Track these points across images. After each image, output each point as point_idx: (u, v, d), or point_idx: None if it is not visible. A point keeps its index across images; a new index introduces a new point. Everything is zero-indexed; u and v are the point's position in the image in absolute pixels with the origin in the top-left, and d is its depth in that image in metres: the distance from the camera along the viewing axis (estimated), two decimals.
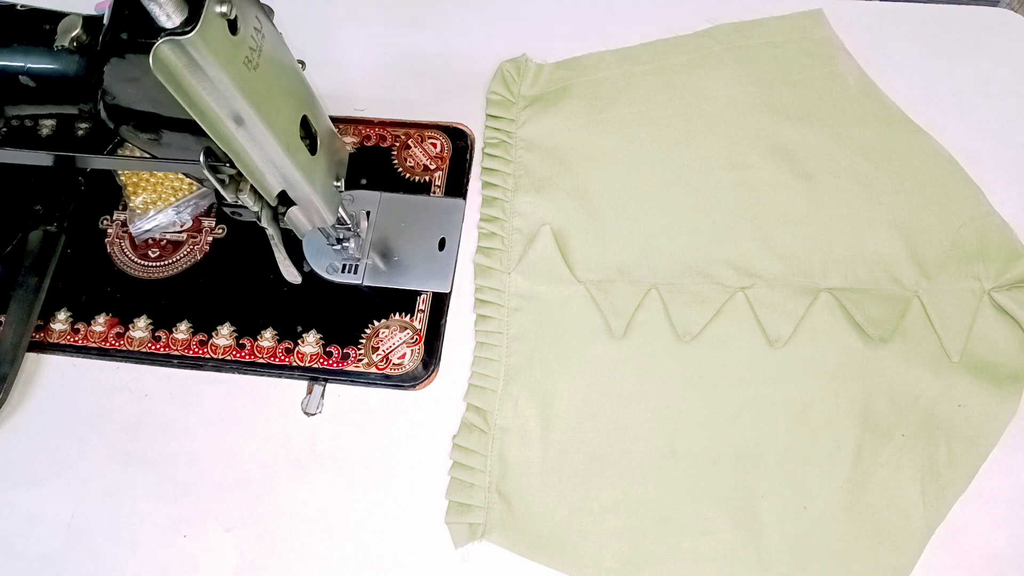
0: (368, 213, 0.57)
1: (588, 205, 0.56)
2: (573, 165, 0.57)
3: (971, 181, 0.55)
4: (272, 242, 0.45)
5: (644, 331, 0.52)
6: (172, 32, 0.31)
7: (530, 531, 0.49)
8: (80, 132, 0.59)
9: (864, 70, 0.59)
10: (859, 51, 0.59)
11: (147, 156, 0.41)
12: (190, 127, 0.36)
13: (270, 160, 0.39)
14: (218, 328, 0.56)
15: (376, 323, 0.55)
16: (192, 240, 0.59)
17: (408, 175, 0.59)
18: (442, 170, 0.59)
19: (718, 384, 0.51)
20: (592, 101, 0.59)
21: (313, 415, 0.53)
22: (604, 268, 0.54)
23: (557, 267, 0.54)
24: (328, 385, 0.54)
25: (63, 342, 0.56)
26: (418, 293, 0.55)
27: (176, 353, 0.55)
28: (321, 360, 0.54)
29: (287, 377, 0.54)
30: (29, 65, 0.38)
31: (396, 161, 0.60)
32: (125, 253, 0.59)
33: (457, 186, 0.59)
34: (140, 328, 0.56)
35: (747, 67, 0.59)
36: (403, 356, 0.54)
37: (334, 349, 0.54)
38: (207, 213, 0.60)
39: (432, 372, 0.54)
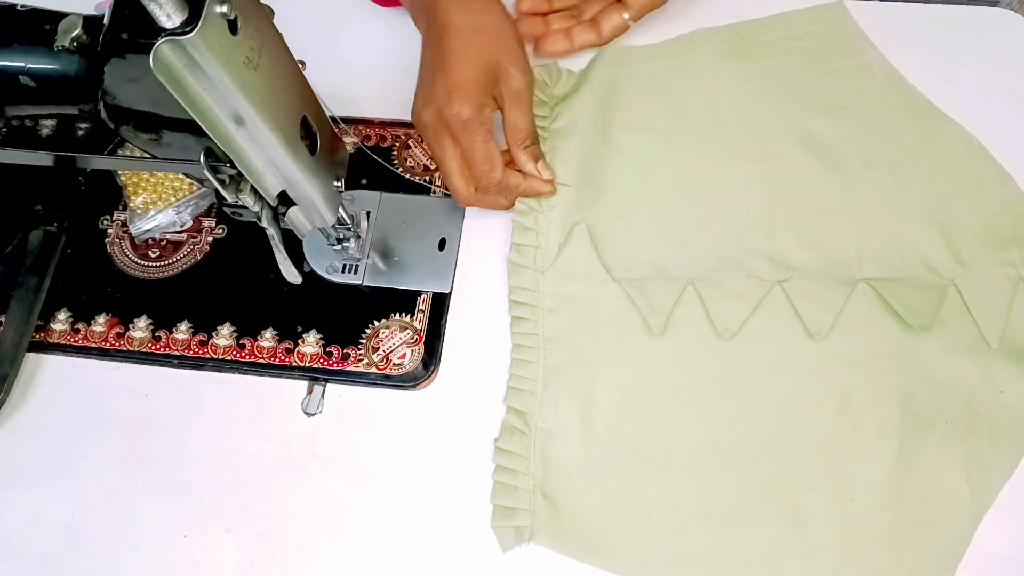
0: (368, 213, 0.57)
1: (620, 202, 0.55)
2: (604, 161, 0.57)
3: (1001, 168, 0.55)
4: (272, 242, 0.45)
5: (682, 328, 0.52)
6: (172, 32, 0.31)
7: (577, 531, 0.49)
8: (80, 132, 0.59)
9: (888, 60, 0.58)
10: None
11: (147, 156, 0.41)
12: (190, 127, 0.36)
13: (270, 160, 0.39)
14: (218, 328, 0.56)
15: (376, 323, 0.55)
16: (192, 240, 0.59)
17: (408, 175, 0.59)
18: None
19: (758, 378, 0.51)
20: (618, 98, 0.59)
21: (313, 415, 0.53)
22: (638, 265, 0.54)
23: (592, 266, 0.54)
24: (328, 385, 0.54)
25: (63, 342, 0.56)
26: (418, 293, 0.55)
27: (176, 353, 0.55)
28: (321, 360, 0.54)
29: (287, 377, 0.54)
30: (29, 65, 0.38)
31: (396, 161, 0.60)
32: (125, 253, 0.59)
33: None
34: (140, 328, 0.56)
35: (774, 60, 0.59)
36: (403, 356, 0.54)
37: (334, 349, 0.54)
38: (207, 213, 0.60)
39: (432, 372, 0.54)
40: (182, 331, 0.56)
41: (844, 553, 0.47)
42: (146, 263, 0.58)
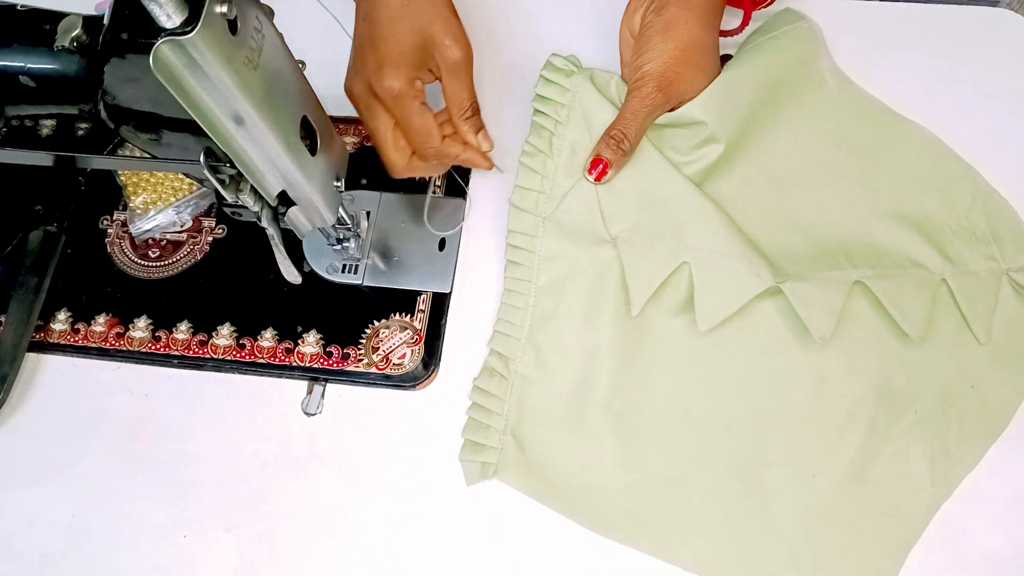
0: (368, 213, 0.57)
1: (631, 167, 0.54)
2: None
3: (964, 161, 0.54)
4: (272, 242, 0.45)
5: (667, 305, 0.52)
6: (172, 32, 0.31)
7: (541, 476, 0.50)
8: (80, 132, 0.59)
9: (837, 65, 0.58)
10: (859, 51, 0.59)
11: (147, 156, 0.41)
12: (190, 127, 0.36)
13: (270, 160, 0.39)
14: (218, 328, 0.56)
15: (376, 323, 0.55)
16: (192, 240, 0.59)
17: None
18: None
19: (736, 354, 0.51)
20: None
21: (313, 415, 0.53)
22: (638, 227, 0.53)
23: (592, 220, 0.54)
24: (328, 385, 0.54)
25: (63, 342, 0.56)
26: (418, 293, 0.55)
27: (176, 353, 0.55)
28: (321, 360, 0.54)
29: (287, 377, 0.54)
30: (29, 65, 0.38)
31: None
32: (125, 253, 0.59)
33: (457, 186, 0.59)
34: (140, 328, 0.56)
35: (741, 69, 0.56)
36: (403, 356, 0.54)
37: (334, 349, 0.54)
38: (207, 213, 0.60)
39: (432, 372, 0.54)
40: (182, 331, 0.56)
41: (804, 530, 0.48)
42: (146, 263, 0.58)
